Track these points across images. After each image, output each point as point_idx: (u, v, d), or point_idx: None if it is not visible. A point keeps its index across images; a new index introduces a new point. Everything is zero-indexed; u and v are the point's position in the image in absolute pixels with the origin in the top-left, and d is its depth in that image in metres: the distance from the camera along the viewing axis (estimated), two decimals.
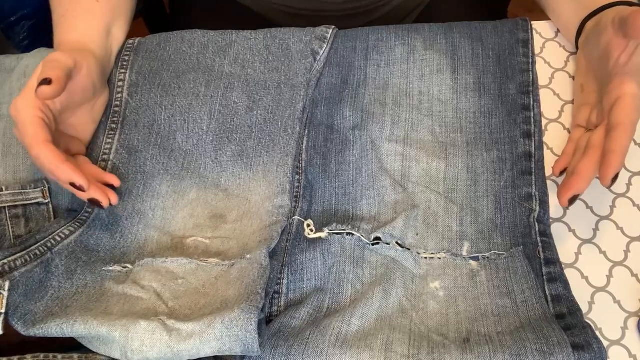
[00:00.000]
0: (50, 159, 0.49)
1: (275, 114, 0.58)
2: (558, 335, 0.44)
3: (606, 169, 0.48)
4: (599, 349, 0.43)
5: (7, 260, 0.47)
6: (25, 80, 0.62)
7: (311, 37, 0.62)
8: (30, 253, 0.49)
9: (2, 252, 0.48)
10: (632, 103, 0.48)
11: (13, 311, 0.46)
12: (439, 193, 0.55)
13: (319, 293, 0.50)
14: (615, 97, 0.49)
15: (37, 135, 0.49)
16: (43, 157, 0.49)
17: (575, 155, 0.53)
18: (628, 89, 0.49)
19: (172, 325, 0.44)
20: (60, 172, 0.49)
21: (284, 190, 0.54)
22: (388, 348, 0.45)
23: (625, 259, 0.52)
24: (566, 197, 0.50)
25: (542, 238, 0.51)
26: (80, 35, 0.58)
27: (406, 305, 0.49)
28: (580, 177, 0.49)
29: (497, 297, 0.49)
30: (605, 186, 0.48)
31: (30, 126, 0.50)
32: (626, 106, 0.48)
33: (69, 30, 0.59)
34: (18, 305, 0.46)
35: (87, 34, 0.59)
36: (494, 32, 0.62)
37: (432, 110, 0.59)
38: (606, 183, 0.48)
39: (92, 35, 0.59)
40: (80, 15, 0.60)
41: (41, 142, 0.49)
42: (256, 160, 0.57)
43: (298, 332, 0.47)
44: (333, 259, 0.52)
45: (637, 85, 0.49)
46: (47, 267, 0.49)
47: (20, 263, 0.48)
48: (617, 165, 0.47)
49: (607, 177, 0.48)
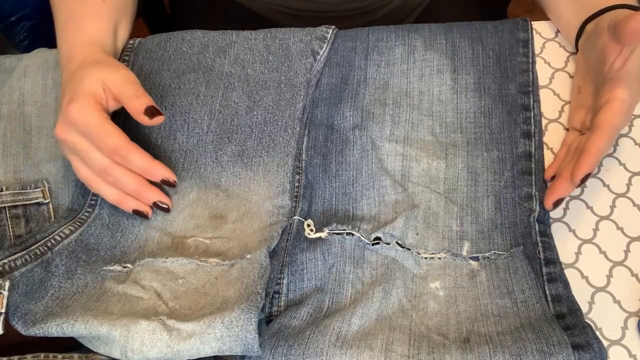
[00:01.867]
0: (143, 157, 0.52)
1: (275, 113, 0.58)
2: (558, 335, 0.44)
3: (577, 168, 0.48)
4: (599, 348, 0.43)
5: (7, 260, 0.47)
6: (24, 79, 0.62)
7: (311, 37, 0.62)
8: (30, 253, 0.49)
9: (2, 252, 0.48)
10: (618, 107, 0.49)
11: (13, 311, 0.46)
12: (439, 193, 0.55)
13: (319, 293, 0.50)
14: (604, 101, 0.50)
15: (120, 136, 0.51)
16: (135, 156, 0.51)
17: (566, 158, 0.54)
18: (618, 94, 0.49)
19: (172, 325, 0.44)
20: (154, 169, 0.53)
21: (284, 190, 0.54)
22: (388, 348, 0.45)
23: (625, 259, 0.52)
24: (550, 200, 0.51)
25: (542, 238, 0.51)
26: (89, 36, 0.58)
27: (406, 305, 0.49)
28: (565, 180, 0.50)
29: (497, 297, 0.49)
30: (573, 185, 0.49)
31: (112, 129, 0.51)
32: (611, 110, 0.49)
33: (77, 32, 0.59)
34: (18, 305, 0.46)
35: (96, 34, 0.59)
36: (494, 32, 0.62)
37: (432, 110, 0.59)
38: (574, 182, 0.49)
39: (101, 36, 0.59)
40: (88, 16, 0.59)
41: (127, 142, 0.51)
42: (256, 160, 0.57)
43: (298, 332, 0.47)
44: (333, 259, 0.52)
45: (628, 91, 0.49)
46: (47, 266, 0.49)
47: (21, 263, 0.48)
48: (587, 165, 0.48)
49: (576, 176, 0.48)
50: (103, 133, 0.51)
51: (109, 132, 0.51)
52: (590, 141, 0.49)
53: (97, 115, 0.51)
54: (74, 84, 0.53)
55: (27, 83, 0.62)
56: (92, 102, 0.51)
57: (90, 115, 0.51)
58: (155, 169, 0.53)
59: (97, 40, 0.59)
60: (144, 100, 0.51)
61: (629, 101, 0.50)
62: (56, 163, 0.59)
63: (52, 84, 0.62)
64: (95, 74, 0.53)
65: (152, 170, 0.52)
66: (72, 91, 0.52)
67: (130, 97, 0.52)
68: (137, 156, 0.52)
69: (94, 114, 0.51)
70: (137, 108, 0.51)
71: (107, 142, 0.51)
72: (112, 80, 0.52)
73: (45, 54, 0.65)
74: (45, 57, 0.64)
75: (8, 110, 0.61)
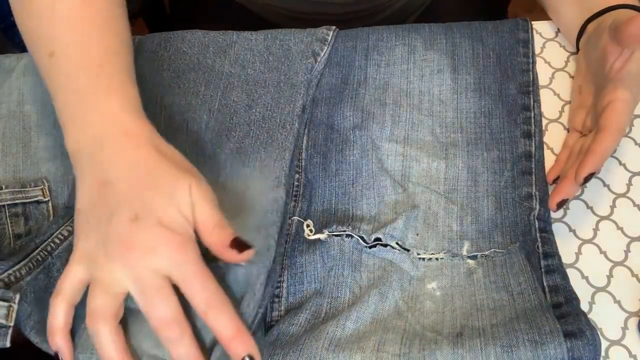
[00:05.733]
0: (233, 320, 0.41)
1: (274, 111, 0.58)
2: (551, 324, 0.44)
3: (581, 167, 0.48)
4: (592, 336, 0.43)
5: (12, 271, 0.47)
6: (24, 79, 0.62)
7: (312, 39, 0.62)
8: (32, 260, 0.48)
9: (5, 263, 0.47)
10: (622, 108, 0.49)
11: (26, 320, 0.45)
12: (439, 193, 0.55)
13: (318, 297, 0.50)
14: (607, 102, 0.50)
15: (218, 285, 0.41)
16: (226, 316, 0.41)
17: (568, 160, 0.54)
18: (620, 95, 0.49)
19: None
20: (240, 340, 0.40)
21: (279, 184, 0.53)
22: (380, 349, 0.45)
23: (625, 259, 0.52)
24: (554, 201, 0.50)
25: (542, 234, 0.51)
26: (129, 101, 0.47)
27: (402, 307, 0.49)
28: (569, 181, 0.50)
29: (494, 292, 0.49)
30: (577, 184, 0.49)
31: (209, 273, 0.41)
32: (615, 110, 0.49)
33: (107, 97, 0.46)
34: (30, 314, 0.46)
35: (134, 97, 0.48)
36: (494, 32, 0.62)
37: (432, 110, 0.59)
38: (577, 181, 0.49)
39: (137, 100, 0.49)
40: (116, 71, 0.48)
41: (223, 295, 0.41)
42: (254, 156, 0.56)
43: (295, 339, 0.47)
44: (332, 262, 0.51)
45: (630, 92, 0.50)
46: (48, 272, 0.49)
47: (25, 272, 0.47)
48: (592, 165, 0.48)
49: (580, 175, 0.48)
50: (205, 276, 0.40)
51: (210, 276, 0.40)
52: (596, 141, 0.49)
53: (197, 250, 0.40)
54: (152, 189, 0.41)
55: (26, 82, 0.62)
56: (191, 232, 0.40)
57: (193, 251, 0.40)
58: (240, 342, 0.40)
59: (137, 107, 0.46)
60: (230, 231, 0.42)
61: (632, 102, 0.50)
62: (56, 162, 0.58)
63: None
64: (185, 186, 0.41)
65: (236, 342, 0.40)
66: (160, 181, 0.41)
67: (217, 225, 0.42)
68: (227, 317, 0.40)
69: (195, 249, 0.40)
70: (223, 241, 0.41)
71: (209, 287, 0.40)
72: (201, 200, 0.41)
73: None
74: None
75: (7, 110, 0.61)
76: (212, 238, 0.42)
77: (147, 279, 0.40)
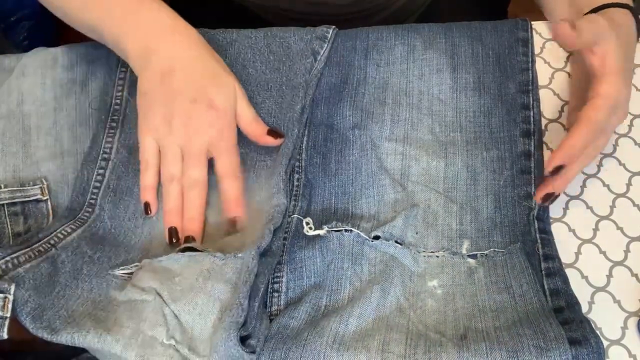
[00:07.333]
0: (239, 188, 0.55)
1: (278, 117, 0.58)
2: (555, 331, 0.44)
3: (552, 156, 0.49)
4: (596, 344, 0.43)
5: (10, 258, 0.47)
6: (23, 79, 0.62)
7: (312, 37, 0.61)
8: (34, 250, 0.48)
9: (3, 250, 0.47)
10: (599, 103, 0.49)
11: (22, 305, 0.45)
12: (438, 192, 0.55)
13: (317, 290, 0.50)
14: (589, 98, 0.50)
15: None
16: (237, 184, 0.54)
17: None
18: (600, 90, 0.50)
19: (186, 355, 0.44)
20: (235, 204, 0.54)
21: (278, 190, 0.53)
22: (385, 349, 0.45)
23: (625, 259, 0.52)
24: (541, 192, 0.51)
25: (542, 235, 0.51)
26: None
27: (404, 304, 0.49)
28: (559, 176, 0.50)
29: (495, 293, 0.49)
30: (545, 174, 0.50)
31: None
32: (591, 105, 0.50)
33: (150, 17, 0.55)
34: (27, 300, 0.46)
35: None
36: (494, 32, 0.62)
37: (431, 110, 0.59)
38: (546, 171, 0.50)
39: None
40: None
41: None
42: (259, 164, 0.56)
43: (296, 333, 0.47)
44: (331, 256, 0.51)
45: (613, 87, 0.50)
46: (53, 262, 0.49)
47: (24, 259, 0.47)
48: (560, 157, 0.49)
49: (550, 164, 0.49)
50: (233, 154, 0.53)
51: (236, 155, 0.54)
52: (568, 135, 0.49)
53: (234, 132, 0.53)
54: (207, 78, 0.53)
55: (25, 82, 0.62)
56: (232, 117, 0.53)
57: (229, 132, 0.53)
58: (236, 205, 0.54)
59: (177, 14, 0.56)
60: (264, 125, 0.55)
61: (614, 96, 0.50)
62: (55, 161, 0.58)
63: (50, 83, 0.62)
64: (231, 82, 0.54)
65: (232, 205, 0.53)
66: (213, 74, 0.52)
67: (254, 119, 0.54)
68: (234, 185, 0.54)
69: (232, 131, 0.53)
70: (261, 129, 0.55)
71: (233, 162, 0.53)
72: (242, 96, 0.54)
73: (44, 53, 0.64)
74: (44, 56, 0.64)
75: (7, 110, 0.61)
76: (251, 127, 0.54)
77: (193, 148, 0.52)
